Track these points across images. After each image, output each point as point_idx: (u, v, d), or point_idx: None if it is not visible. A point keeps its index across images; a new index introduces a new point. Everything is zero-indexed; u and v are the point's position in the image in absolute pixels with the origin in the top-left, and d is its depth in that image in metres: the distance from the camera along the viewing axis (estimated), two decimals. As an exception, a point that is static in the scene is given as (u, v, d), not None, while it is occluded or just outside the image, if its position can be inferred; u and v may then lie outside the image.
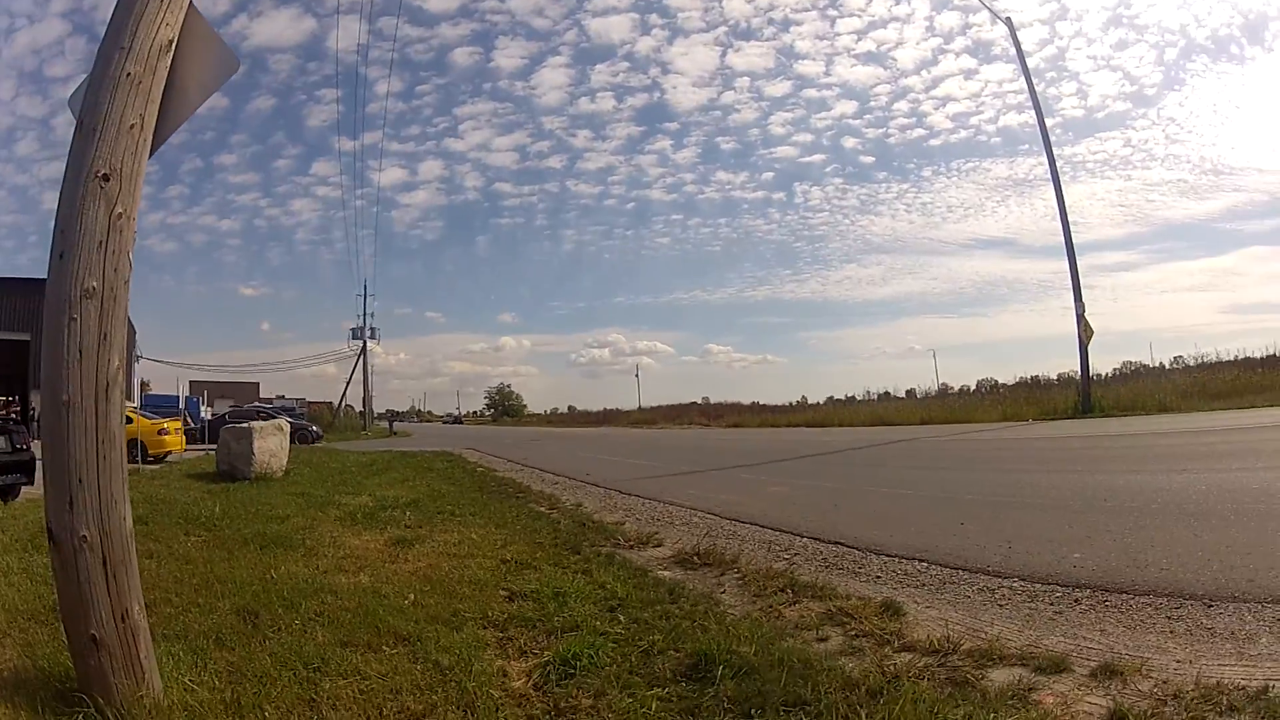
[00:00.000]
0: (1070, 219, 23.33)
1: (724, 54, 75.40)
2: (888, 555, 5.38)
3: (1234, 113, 62.09)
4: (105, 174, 2.63)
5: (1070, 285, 23.18)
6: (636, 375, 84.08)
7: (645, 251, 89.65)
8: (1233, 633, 3.36)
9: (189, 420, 28.70)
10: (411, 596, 4.17)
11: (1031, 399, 28.02)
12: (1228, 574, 4.17)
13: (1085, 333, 22.50)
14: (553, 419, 70.62)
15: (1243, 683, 2.70)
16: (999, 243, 79.41)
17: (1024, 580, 4.49)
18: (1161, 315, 67.93)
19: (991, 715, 2.54)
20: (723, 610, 3.97)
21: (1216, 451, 9.91)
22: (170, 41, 2.84)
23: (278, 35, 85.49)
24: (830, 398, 52.06)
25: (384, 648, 3.36)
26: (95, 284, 2.59)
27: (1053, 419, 21.56)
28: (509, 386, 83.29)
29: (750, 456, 15.34)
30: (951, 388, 51.20)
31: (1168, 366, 34.98)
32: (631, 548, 5.92)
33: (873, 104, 75.40)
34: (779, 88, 76.65)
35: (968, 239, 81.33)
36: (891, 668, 3.05)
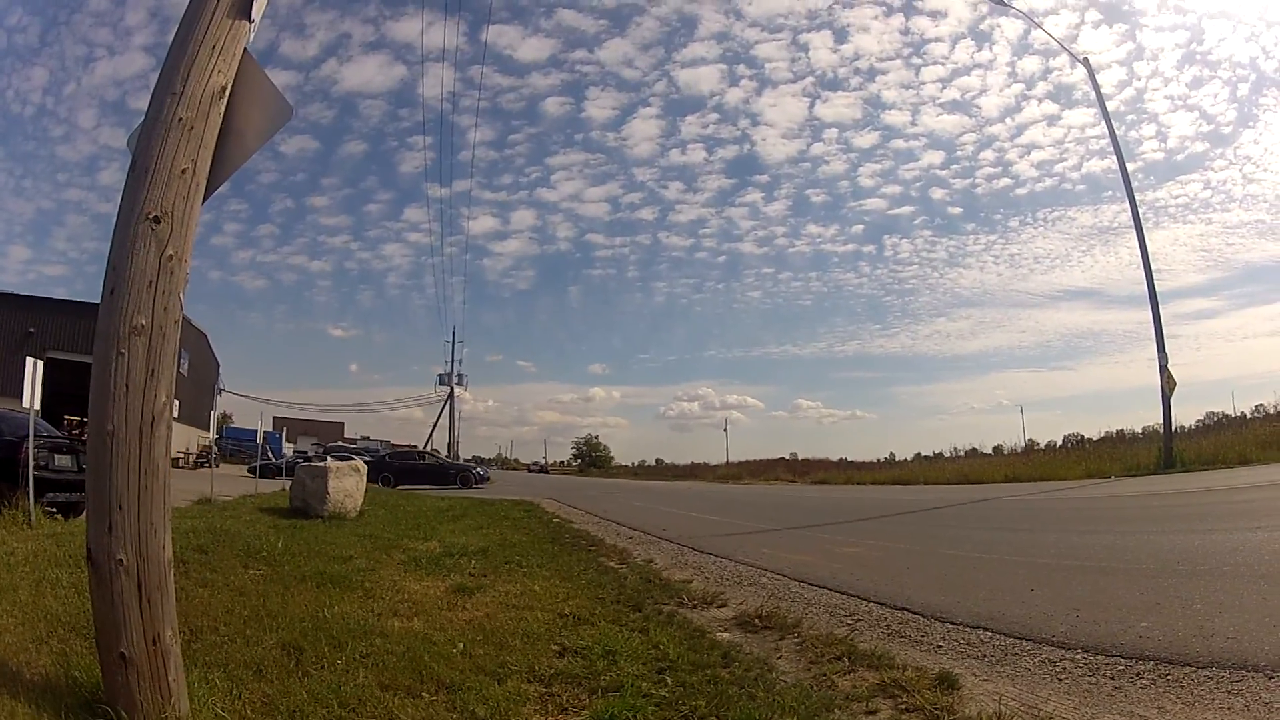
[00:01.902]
0: (1153, 266, 22.32)
1: (812, 105, 75.19)
2: (952, 623, 5.20)
3: None
4: (156, 216, 2.67)
5: (1154, 335, 22.18)
6: (725, 429, 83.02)
7: (736, 305, 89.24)
8: None
9: (270, 455, 28.86)
10: (461, 645, 4.11)
11: (1115, 455, 26.76)
12: None
13: (1168, 384, 21.41)
14: (639, 471, 69.74)
15: None
16: (1085, 293, 76.46)
17: (1087, 652, 4.30)
18: (1243, 362, 64.07)
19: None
20: (774, 678, 3.87)
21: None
22: (224, 88, 2.85)
23: (368, 81, 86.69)
24: (918, 454, 50.81)
25: (424, 694, 3.34)
26: (144, 321, 2.63)
27: (1135, 475, 20.44)
28: (597, 437, 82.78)
29: (829, 515, 14.93)
30: (1037, 443, 49.21)
31: (1248, 415, 33.13)
32: (695, 607, 5.77)
33: (959, 153, 73.94)
34: (867, 139, 75.97)
35: (1054, 290, 78.35)
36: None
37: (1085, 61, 25.55)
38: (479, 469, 35.69)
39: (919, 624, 5.27)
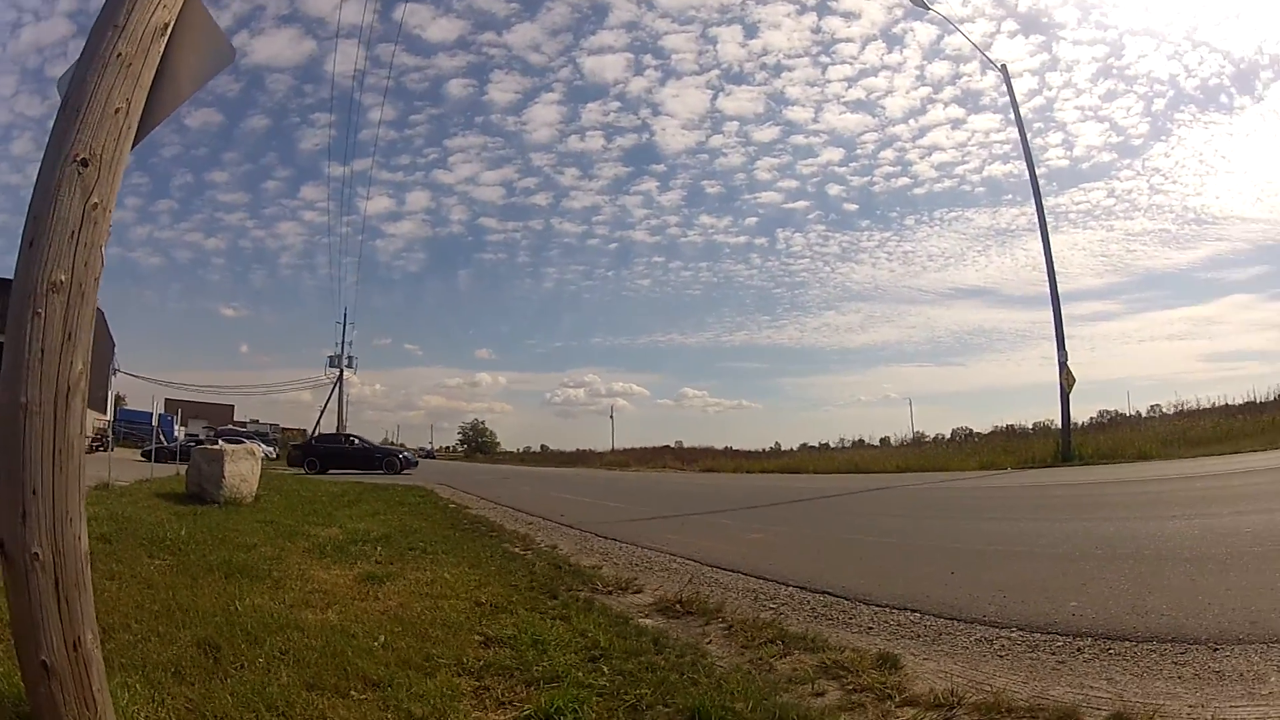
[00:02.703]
0: (1054, 268, 23.95)
1: (715, 97, 79.29)
2: (878, 605, 5.40)
3: (1220, 162, 65.20)
4: (84, 159, 2.58)
5: (1054, 334, 23.82)
6: (611, 417, 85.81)
7: (625, 293, 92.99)
8: (1241, 675, 3.45)
9: (163, 439, 29.17)
10: (382, 638, 4.12)
11: (1009, 448, 28.70)
12: (1229, 617, 4.28)
13: (1067, 381, 23.02)
14: (525, 457, 71.71)
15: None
16: (978, 292, 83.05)
17: (1022, 630, 4.53)
18: (1139, 364, 70.86)
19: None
20: (711, 662, 3.95)
21: (1204, 497, 10.17)
22: (166, 25, 2.80)
23: (277, 55, 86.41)
24: (804, 444, 53.85)
25: (353, 693, 3.30)
26: (64, 277, 2.52)
27: (1032, 467, 21.87)
28: (483, 423, 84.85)
29: (727, 502, 15.63)
30: (926, 436, 52.94)
31: (1144, 414, 36.40)
32: (610, 593, 5.94)
33: (859, 151, 79.32)
34: (767, 133, 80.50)
35: (947, 288, 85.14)
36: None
37: (1003, 68, 27.28)
38: (406, 453, 35.32)
39: (844, 607, 5.45)
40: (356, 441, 35.31)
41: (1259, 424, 22.38)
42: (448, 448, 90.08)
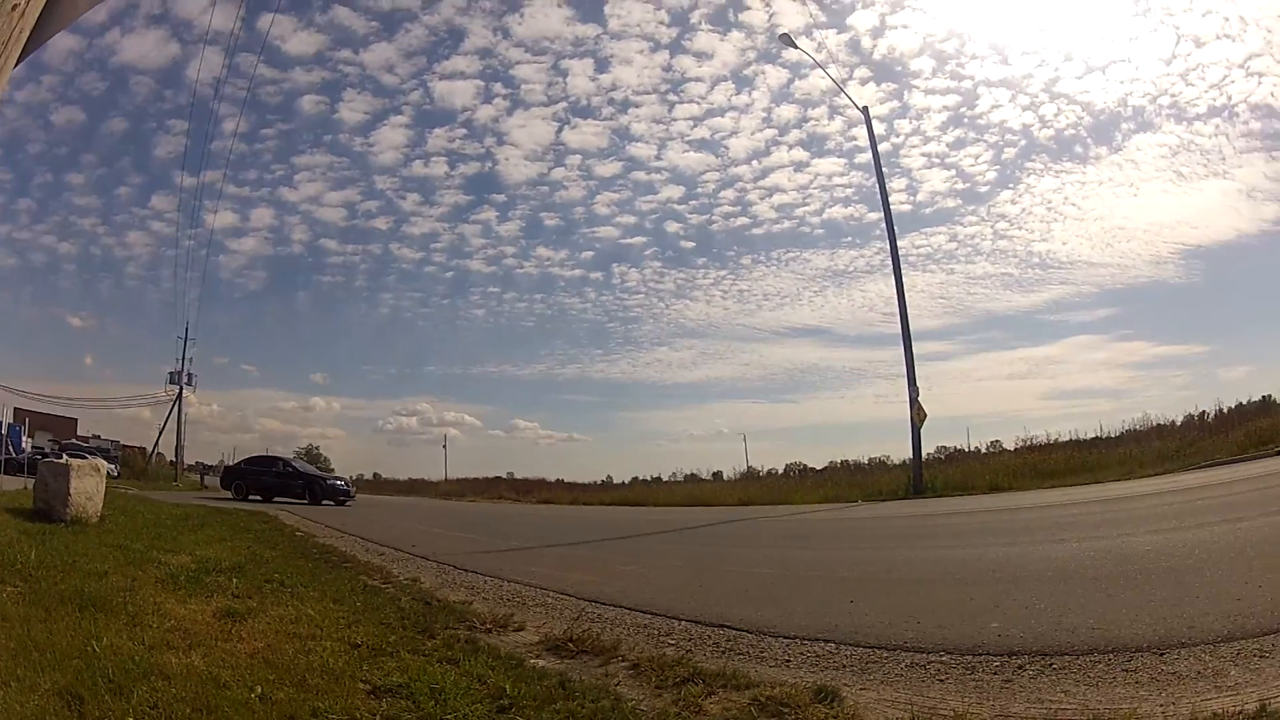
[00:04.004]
0: (889, 310, 26.10)
1: (560, 130, 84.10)
2: (786, 637, 5.59)
3: (1069, 209, 73.13)
4: None
5: (905, 372, 26.04)
6: (444, 446, 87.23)
7: (460, 322, 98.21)
8: (1199, 673, 3.90)
9: (10, 450, 30.94)
10: (259, 689, 4.00)
11: (853, 481, 31.10)
12: (1164, 625, 4.81)
13: (919, 416, 25.14)
14: (360, 485, 72.55)
15: (1236, 709, 3.19)
16: (814, 331, 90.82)
17: (951, 653, 4.85)
18: (978, 401, 78.28)
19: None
20: (632, 706, 3.95)
21: (1083, 522, 11.24)
22: None
23: (143, 55, 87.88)
24: (636, 478, 56.14)
25: None
26: None
27: (883, 500, 23.26)
28: (317, 448, 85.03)
29: (582, 534, 16.36)
30: (759, 470, 55.71)
31: (984, 450, 40.37)
32: (489, 631, 6.00)
33: (700, 190, 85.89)
34: (609, 168, 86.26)
35: (782, 327, 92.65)
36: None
37: (864, 110, 30.36)
38: (339, 481, 32.71)
39: (749, 640, 5.62)
40: (284, 466, 33.37)
41: (1115, 456, 25.23)
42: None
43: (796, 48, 31.23)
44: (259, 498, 29.58)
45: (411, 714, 3.75)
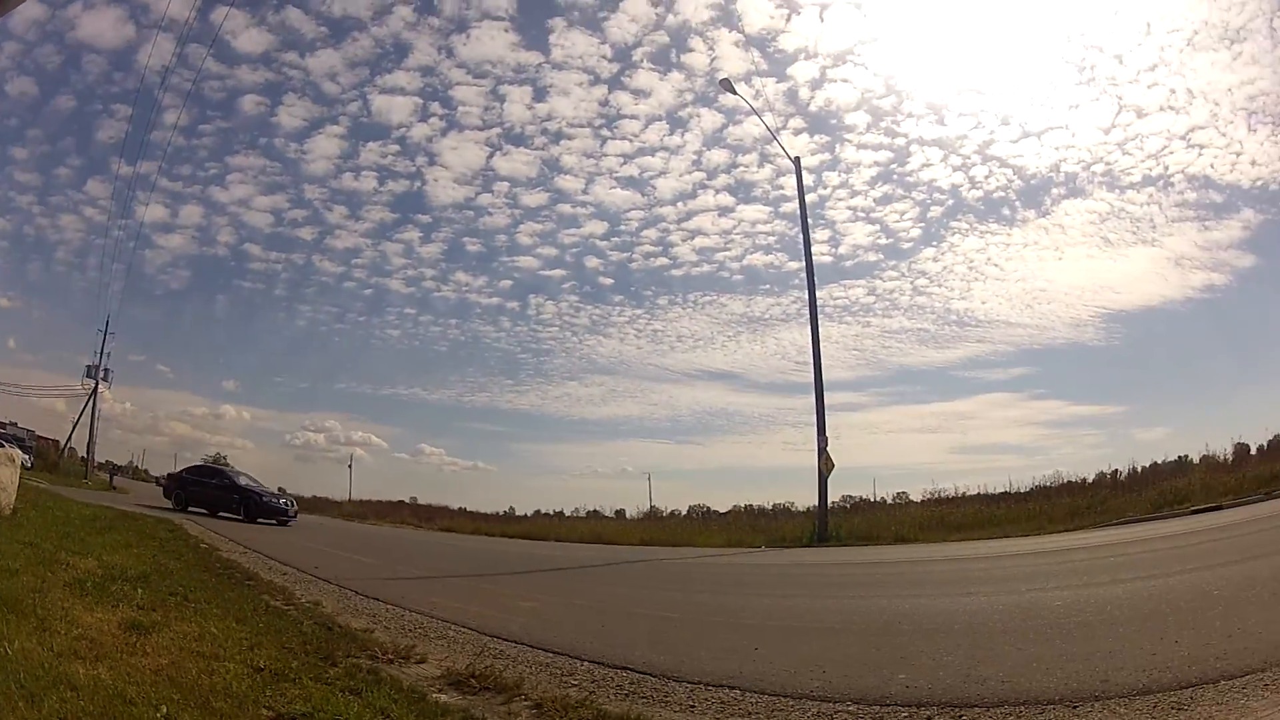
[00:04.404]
0: (803, 359, 26.61)
1: (492, 155, 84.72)
2: (690, 682, 5.61)
3: (991, 269, 75.86)
4: None
5: (815, 421, 26.28)
6: (350, 466, 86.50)
7: (374, 341, 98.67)
8: None
9: None
10: (164, 709, 4.01)
11: (756, 526, 31.41)
12: (1076, 679, 4.94)
13: (826, 465, 25.61)
14: None
15: None
16: (725, 376, 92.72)
17: (858, 704, 4.92)
18: (886, 453, 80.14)
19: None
20: None
21: (992, 576, 11.57)
22: None
23: (99, 34, 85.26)
24: (538, 511, 55.91)
25: None
26: None
27: (786, 546, 23.51)
28: (225, 458, 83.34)
29: (485, 565, 16.73)
30: (662, 511, 56.26)
31: (890, 501, 41.26)
32: (391, 662, 6.02)
33: (623, 227, 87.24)
34: (536, 198, 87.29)
35: (694, 369, 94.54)
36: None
37: (796, 160, 30.87)
38: (282, 500, 30.17)
39: (653, 684, 5.65)
40: (222, 478, 31.15)
41: (1024, 512, 25.62)
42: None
43: (736, 94, 31.58)
44: (203, 511, 28.28)
45: None
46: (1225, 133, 62.09)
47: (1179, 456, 33.50)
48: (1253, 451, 30.72)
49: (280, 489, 32.97)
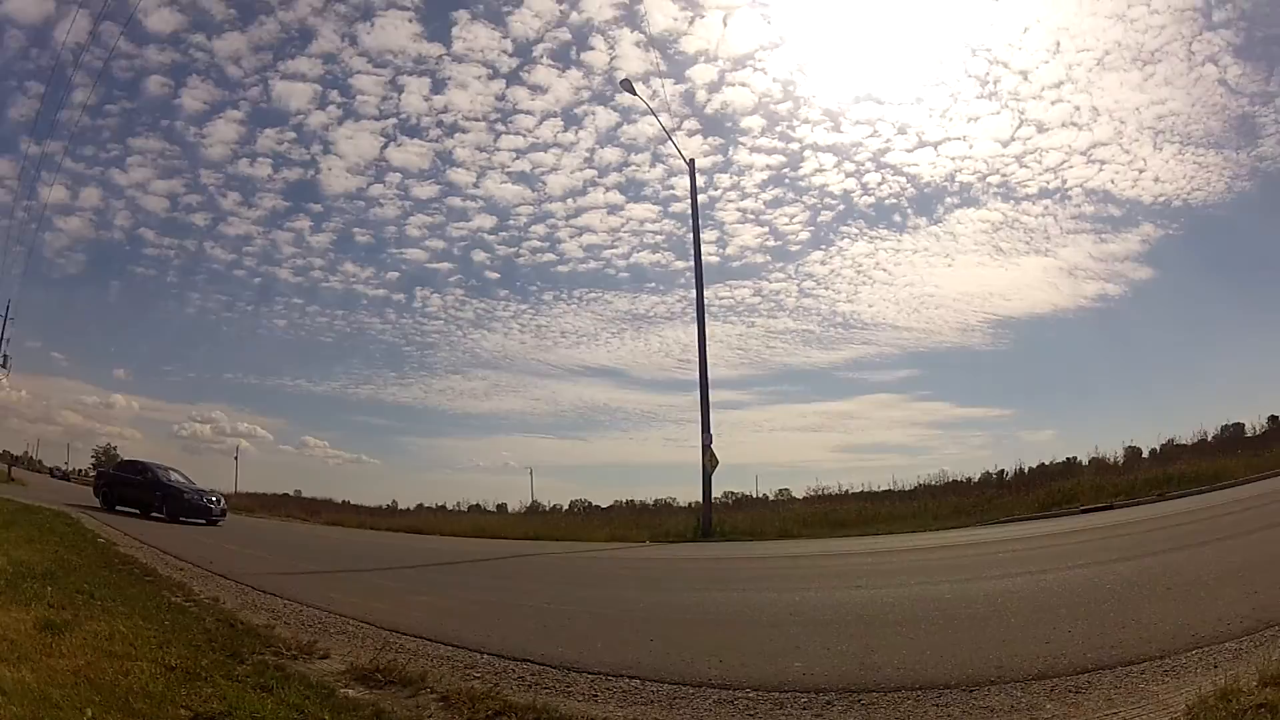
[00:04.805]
0: (686, 357, 26.89)
1: (385, 146, 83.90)
2: (591, 673, 5.67)
3: (879, 274, 77.75)
4: None
5: (699, 418, 26.63)
6: (236, 458, 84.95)
7: (261, 331, 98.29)
8: (1012, 707, 4.26)
9: None
10: (89, 712, 4.02)
11: (639, 522, 31.73)
12: (971, 665, 5.13)
13: (710, 462, 25.98)
14: None
15: None
16: (608, 372, 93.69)
17: (757, 690, 5.03)
18: (766, 452, 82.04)
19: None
20: None
21: (880, 571, 11.93)
22: None
23: (22, 9, 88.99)
24: (421, 505, 57.50)
25: None
26: None
27: (671, 542, 23.73)
28: (115, 449, 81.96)
29: (376, 560, 16.82)
30: (544, 505, 57.07)
31: (772, 498, 42.24)
32: (296, 658, 6.07)
33: (512, 222, 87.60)
34: (427, 190, 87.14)
35: (577, 365, 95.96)
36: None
37: (690, 162, 31.20)
38: (209, 497, 28.15)
39: (555, 675, 5.70)
40: (147, 474, 28.87)
41: (909, 509, 26.63)
42: (81, 471, 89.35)
43: (636, 94, 31.45)
44: (134, 511, 26.90)
45: None
46: (1129, 150, 65.41)
47: (1068, 458, 35.18)
48: (1145, 455, 32.54)
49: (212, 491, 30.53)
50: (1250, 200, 64.68)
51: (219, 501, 28.28)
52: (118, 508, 27.51)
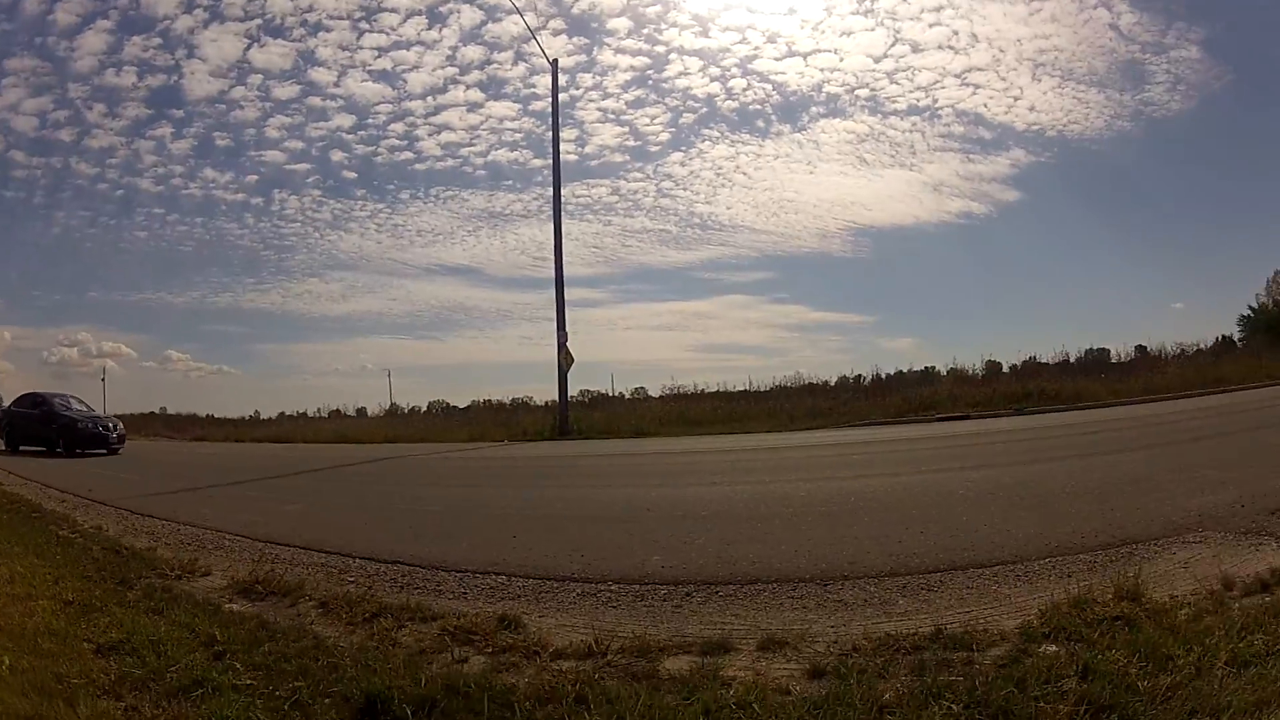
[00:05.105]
0: (542, 255, 26.64)
1: (249, 48, 78.80)
2: (459, 571, 5.84)
3: (739, 178, 77.58)
4: None
5: (555, 316, 26.72)
6: (103, 379, 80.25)
7: (123, 245, 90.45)
8: (866, 601, 4.50)
9: None
10: (6, 659, 3.95)
11: (498, 421, 32.05)
12: (825, 561, 5.43)
13: (565, 360, 26.13)
14: None
15: (910, 632, 3.70)
16: (463, 270, 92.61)
17: (619, 583, 5.25)
18: (623, 349, 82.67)
19: (708, 694, 3.02)
20: (333, 643, 4.11)
21: (735, 468, 12.29)
22: None
23: None
24: (282, 413, 55.46)
25: None
26: None
27: (528, 440, 23.98)
28: None
29: (243, 473, 16.40)
30: (403, 408, 56.57)
31: (628, 396, 43.02)
32: (180, 578, 6.14)
33: (370, 121, 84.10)
34: (287, 90, 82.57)
35: (432, 264, 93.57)
36: (569, 676, 3.37)
37: (554, 63, 30.32)
38: (103, 424, 25.54)
39: (424, 575, 5.86)
40: (45, 408, 25.94)
41: (765, 409, 27.09)
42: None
43: None
44: (41, 448, 24.62)
45: (140, 670, 3.77)
46: (1006, 78, 66.46)
47: (926, 367, 36.62)
48: (1005, 370, 33.91)
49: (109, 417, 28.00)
50: (1129, 139, 66.89)
51: (115, 427, 26.00)
52: (21, 448, 25.34)
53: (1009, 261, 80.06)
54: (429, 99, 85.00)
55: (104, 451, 24.17)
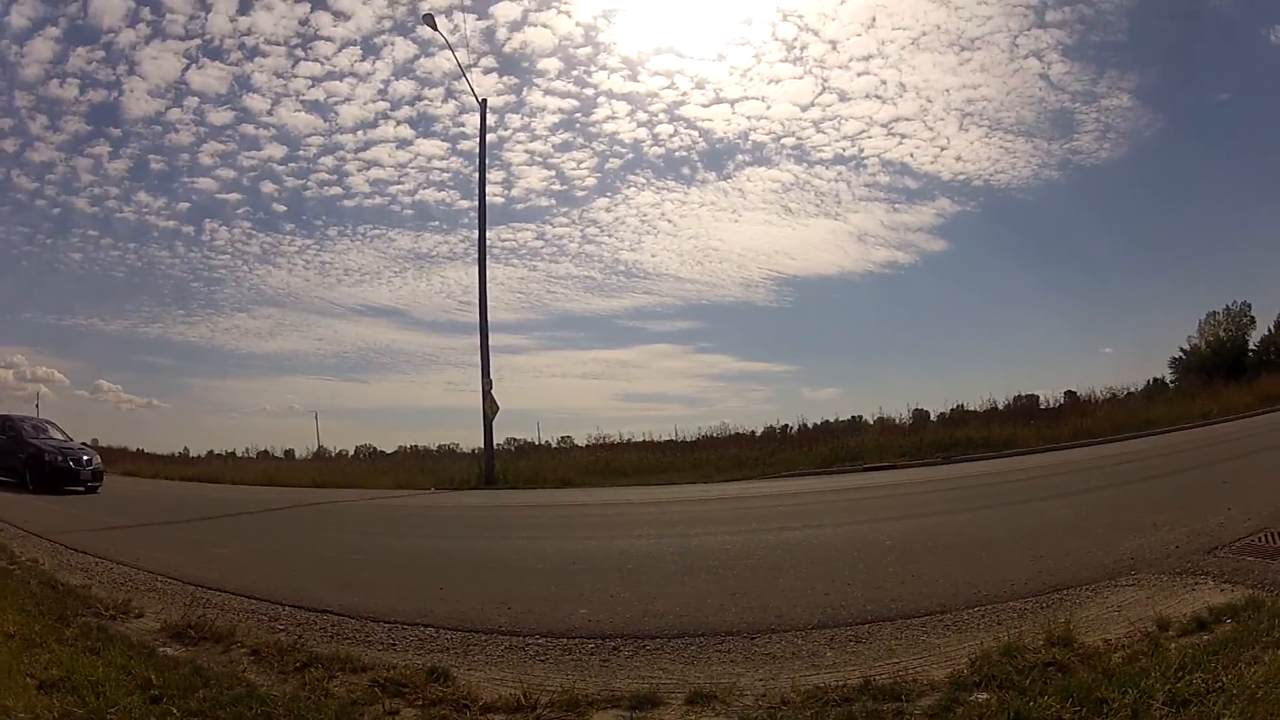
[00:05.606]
0: (467, 299, 26.55)
1: (188, 68, 77.22)
2: (387, 622, 5.81)
3: (664, 225, 78.20)
4: None
5: (479, 363, 26.55)
6: (36, 406, 76.68)
7: (59, 265, 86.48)
8: (794, 654, 4.58)
9: None
10: None
11: (424, 468, 31.83)
12: (751, 614, 5.51)
13: (491, 408, 25.91)
14: None
15: (838, 683, 3.80)
16: (390, 312, 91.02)
17: (545, 637, 5.28)
18: (546, 398, 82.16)
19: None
20: (266, 692, 4.09)
21: (660, 520, 12.38)
22: None
23: None
24: (211, 452, 54.76)
25: None
26: None
27: (454, 489, 23.72)
28: None
29: (175, 513, 16.47)
30: (330, 451, 55.80)
31: (554, 445, 42.83)
32: (115, 618, 6.13)
33: (301, 153, 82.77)
34: (222, 116, 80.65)
35: (359, 304, 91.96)
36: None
37: (483, 102, 30.63)
38: (81, 457, 21.50)
39: (353, 625, 5.84)
40: (11, 433, 22.10)
41: (690, 460, 27.00)
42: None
43: (437, 29, 30.44)
44: (10, 480, 20.87)
45: (80, 710, 3.78)
46: (933, 128, 67.34)
47: (853, 416, 36.52)
48: (933, 418, 34.25)
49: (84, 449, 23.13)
50: (1057, 188, 68.48)
51: (90, 462, 21.58)
52: None
53: (935, 311, 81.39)
54: (359, 133, 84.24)
55: (81, 489, 20.42)
